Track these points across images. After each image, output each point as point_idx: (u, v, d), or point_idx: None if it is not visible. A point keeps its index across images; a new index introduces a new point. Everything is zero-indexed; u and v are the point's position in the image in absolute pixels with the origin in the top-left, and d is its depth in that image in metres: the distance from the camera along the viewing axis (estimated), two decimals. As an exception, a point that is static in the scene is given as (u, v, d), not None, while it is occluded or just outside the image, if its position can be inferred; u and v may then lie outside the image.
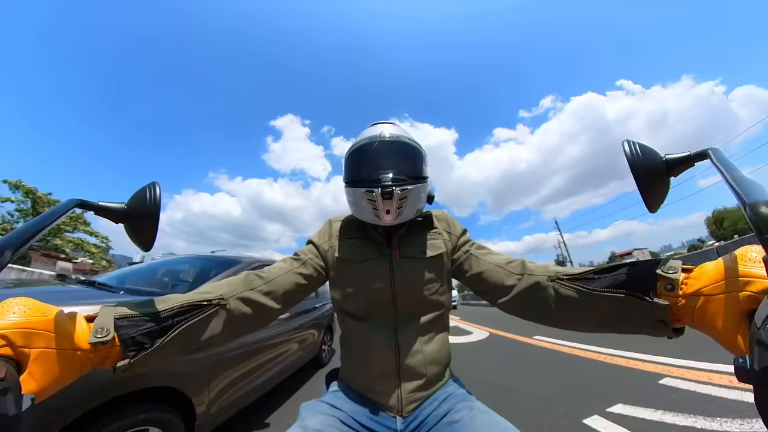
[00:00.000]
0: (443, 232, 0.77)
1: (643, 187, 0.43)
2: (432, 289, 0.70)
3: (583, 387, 2.50)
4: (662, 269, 0.43)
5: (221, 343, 0.57)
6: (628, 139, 0.45)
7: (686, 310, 0.40)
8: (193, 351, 0.53)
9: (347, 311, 0.73)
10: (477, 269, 0.70)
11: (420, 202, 0.72)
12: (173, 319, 0.49)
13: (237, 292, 0.59)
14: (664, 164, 0.43)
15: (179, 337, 0.48)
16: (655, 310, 0.42)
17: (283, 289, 0.66)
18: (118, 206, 0.46)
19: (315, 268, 0.73)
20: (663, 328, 0.43)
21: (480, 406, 0.59)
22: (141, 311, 0.47)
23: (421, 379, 0.65)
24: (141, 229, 0.47)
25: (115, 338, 0.42)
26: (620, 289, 0.46)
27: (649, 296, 0.43)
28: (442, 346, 0.70)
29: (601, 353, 3.50)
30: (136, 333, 0.45)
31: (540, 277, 0.58)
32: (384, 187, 0.63)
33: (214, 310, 0.54)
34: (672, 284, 0.42)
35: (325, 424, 0.55)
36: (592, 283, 0.50)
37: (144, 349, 0.45)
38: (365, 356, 0.68)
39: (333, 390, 0.69)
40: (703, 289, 0.38)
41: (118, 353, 0.44)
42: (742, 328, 0.33)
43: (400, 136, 0.71)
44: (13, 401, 0.28)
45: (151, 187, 0.47)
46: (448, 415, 0.59)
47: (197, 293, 0.56)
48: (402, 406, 0.63)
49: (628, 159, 0.43)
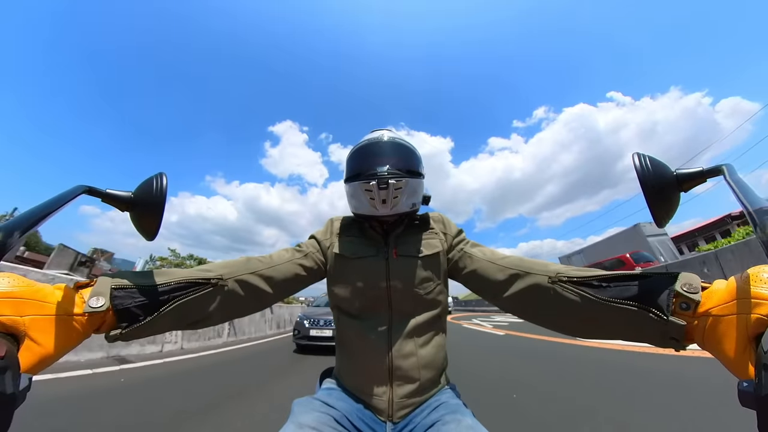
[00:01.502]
0: (439, 233, 0.78)
1: (653, 201, 0.42)
2: (428, 288, 0.70)
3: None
4: (681, 286, 0.41)
5: (214, 322, 0.57)
6: (638, 152, 0.44)
7: (697, 329, 0.39)
8: (186, 326, 0.53)
9: (343, 309, 0.73)
10: (471, 267, 0.70)
11: (415, 197, 0.74)
12: (170, 294, 0.49)
13: (236, 274, 0.59)
14: (674, 179, 0.42)
15: (173, 312, 0.48)
16: (670, 328, 0.40)
17: (282, 276, 0.67)
18: (125, 194, 0.46)
19: (315, 261, 0.74)
20: (673, 344, 0.41)
21: (469, 420, 0.55)
22: (138, 283, 0.47)
23: (414, 383, 0.63)
24: (146, 219, 0.47)
25: (110, 308, 0.42)
26: (632, 302, 0.44)
27: (663, 313, 0.41)
28: (438, 350, 0.69)
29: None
30: (131, 304, 0.45)
31: (539, 277, 0.56)
32: (380, 178, 0.67)
33: (211, 289, 0.54)
34: (688, 303, 0.39)
35: (320, 422, 0.54)
36: (599, 291, 0.48)
37: (137, 321, 0.45)
38: (358, 356, 0.67)
39: (326, 387, 0.68)
40: (713, 309, 0.36)
41: (113, 321, 0.44)
42: (749, 352, 0.32)
43: (396, 138, 0.77)
44: (10, 379, 0.28)
45: (158, 178, 0.47)
46: (434, 426, 0.56)
47: (198, 270, 0.56)
48: (393, 411, 0.62)
49: (638, 172, 0.42)
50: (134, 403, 2.52)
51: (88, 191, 0.43)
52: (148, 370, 3.83)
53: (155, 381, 3.30)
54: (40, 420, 1.97)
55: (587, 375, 3.16)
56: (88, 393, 2.66)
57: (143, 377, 3.43)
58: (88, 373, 3.27)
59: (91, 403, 2.43)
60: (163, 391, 2.92)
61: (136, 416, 2.22)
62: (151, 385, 3.11)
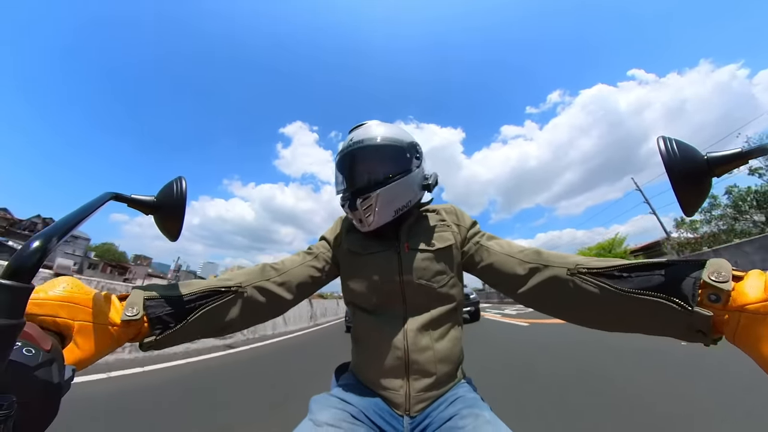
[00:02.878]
0: (452, 225, 0.76)
1: (680, 188, 0.39)
2: (442, 282, 0.70)
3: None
4: (709, 275, 0.38)
5: (238, 328, 0.61)
6: (663, 136, 0.41)
7: (729, 324, 0.36)
8: (214, 333, 0.57)
9: (357, 304, 0.74)
10: (488, 260, 0.69)
11: (401, 199, 0.71)
12: (196, 302, 0.53)
13: (254, 281, 0.63)
14: (705, 163, 0.39)
15: (201, 319, 0.53)
16: (695, 320, 0.38)
17: (296, 281, 0.69)
18: (149, 199, 0.49)
19: (327, 261, 0.76)
20: (700, 337, 0.39)
21: (487, 414, 0.55)
22: (167, 294, 0.51)
23: (431, 377, 0.63)
24: (169, 221, 0.50)
25: (144, 317, 0.47)
26: (654, 292, 0.42)
27: (689, 304, 0.38)
28: (454, 344, 0.68)
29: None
30: (162, 313, 0.49)
31: (558, 269, 0.55)
32: (350, 201, 0.69)
33: (232, 296, 0.58)
34: (718, 295, 0.37)
35: (337, 419, 0.55)
36: (619, 282, 0.46)
37: (169, 327, 0.49)
38: (373, 350, 0.68)
39: (342, 383, 0.69)
40: (750, 306, 0.34)
41: (146, 330, 0.48)
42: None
43: (368, 140, 0.71)
44: (57, 371, 0.31)
45: (178, 181, 0.49)
46: (452, 420, 0.56)
47: (218, 280, 0.60)
48: (410, 405, 0.61)
49: (663, 158, 0.39)
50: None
51: (115, 197, 0.45)
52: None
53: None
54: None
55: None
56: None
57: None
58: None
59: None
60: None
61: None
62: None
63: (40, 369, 0.29)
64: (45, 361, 0.29)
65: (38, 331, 0.32)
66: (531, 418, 1.98)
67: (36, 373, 0.28)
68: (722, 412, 1.82)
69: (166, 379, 3.21)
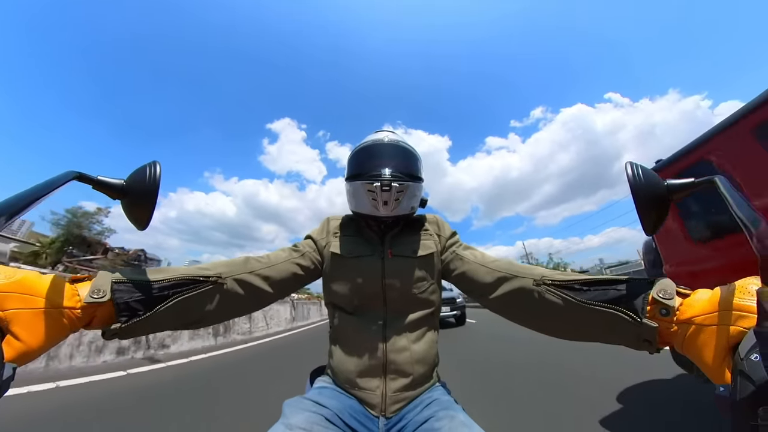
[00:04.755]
0: (434, 234, 0.80)
1: (642, 210, 0.43)
2: (422, 288, 0.72)
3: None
4: (657, 293, 0.42)
5: (214, 320, 0.57)
6: (631, 162, 0.45)
7: (676, 335, 0.40)
8: (186, 325, 0.53)
9: (338, 305, 0.74)
10: (461, 268, 0.72)
11: (414, 200, 0.77)
12: (169, 290, 0.49)
13: (235, 273, 0.60)
14: (665, 189, 0.43)
15: (173, 309, 0.49)
16: (643, 330, 0.42)
17: (279, 276, 0.67)
18: (117, 182, 0.45)
19: (312, 260, 0.75)
20: (647, 346, 0.43)
21: (462, 417, 0.56)
22: (137, 278, 0.47)
23: (407, 378, 0.64)
24: (138, 207, 0.46)
25: (110, 301, 0.42)
26: (609, 304, 0.46)
27: (638, 316, 0.43)
28: (431, 347, 0.70)
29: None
30: (131, 299, 0.45)
31: (525, 280, 0.58)
32: (383, 180, 0.69)
33: (210, 287, 0.54)
34: (667, 309, 0.41)
35: (310, 422, 0.53)
36: (579, 294, 0.50)
37: (137, 315, 0.45)
38: (352, 350, 0.68)
39: (318, 386, 0.68)
40: (696, 318, 0.37)
41: (109, 316, 0.44)
42: (728, 360, 0.33)
43: (400, 141, 0.78)
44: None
45: (152, 166, 0.46)
46: (428, 422, 0.57)
47: (197, 268, 0.56)
48: (386, 406, 0.62)
49: (630, 182, 0.43)
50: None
51: (79, 177, 0.41)
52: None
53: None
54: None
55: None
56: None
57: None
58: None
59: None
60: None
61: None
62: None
63: None
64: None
65: None
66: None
67: None
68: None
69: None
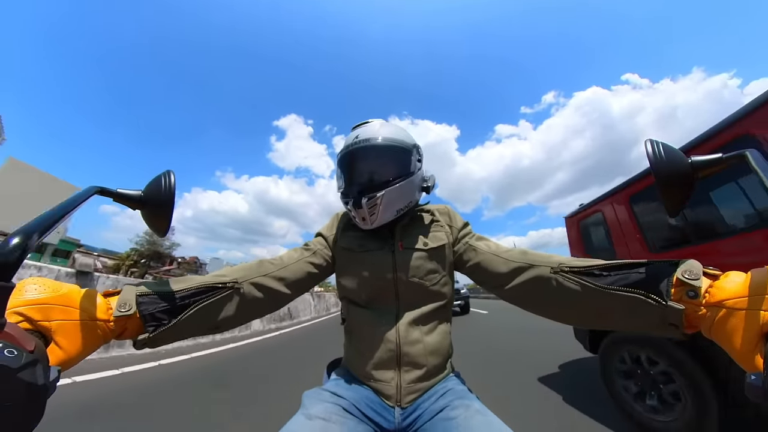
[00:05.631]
0: (445, 225, 0.79)
1: (665, 190, 0.40)
2: (434, 280, 0.71)
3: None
4: (682, 274, 0.40)
5: (235, 324, 0.60)
6: (651, 139, 0.43)
7: (705, 319, 0.38)
8: (209, 330, 0.56)
9: (351, 299, 0.75)
10: (475, 259, 0.71)
11: (403, 200, 0.72)
12: (190, 299, 0.52)
13: (251, 277, 0.62)
14: (689, 167, 0.40)
15: (195, 316, 0.52)
16: (668, 314, 0.40)
17: (293, 276, 0.69)
18: (135, 193, 0.47)
19: (324, 257, 0.76)
20: (672, 330, 0.41)
21: (477, 405, 0.57)
22: (160, 290, 0.50)
23: (421, 369, 0.65)
24: (157, 216, 0.48)
25: (136, 313, 0.46)
26: (632, 288, 0.44)
27: (663, 299, 0.41)
28: (444, 338, 0.71)
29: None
30: (155, 310, 0.48)
31: (542, 268, 0.57)
32: (354, 199, 0.69)
33: (228, 292, 0.57)
34: (695, 291, 0.39)
35: (329, 412, 0.56)
36: (599, 280, 0.48)
37: (162, 324, 0.48)
38: (366, 344, 0.69)
39: (335, 378, 0.70)
40: (727, 302, 0.35)
41: (138, 327, 0.47)
42: (759, 347, 0.31)
43: (370, 139, 0.71)
44: (41, 372, 0.30)
45: (166, 175, 0.48)
46: (443, 412, 0.58)
47: (214, 276, 0.59)
48: (401, 396, 0.63)
49: (650, 160, 0.40)
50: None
51: (100, 192, 0.43)
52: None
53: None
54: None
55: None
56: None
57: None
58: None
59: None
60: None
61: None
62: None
63: (24, 371, 0.28)
64: (28, 362, 0.28)
65: (20, 331, 0.31)
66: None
67: (19, 375, 0.27)
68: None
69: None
